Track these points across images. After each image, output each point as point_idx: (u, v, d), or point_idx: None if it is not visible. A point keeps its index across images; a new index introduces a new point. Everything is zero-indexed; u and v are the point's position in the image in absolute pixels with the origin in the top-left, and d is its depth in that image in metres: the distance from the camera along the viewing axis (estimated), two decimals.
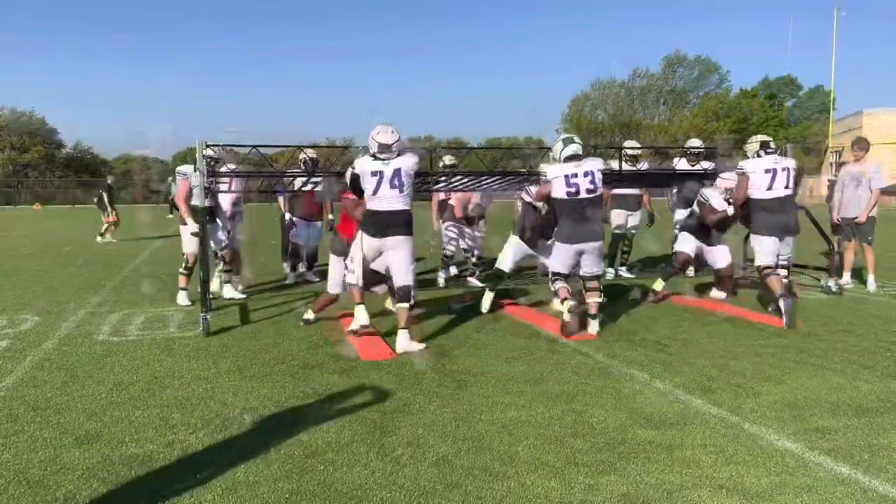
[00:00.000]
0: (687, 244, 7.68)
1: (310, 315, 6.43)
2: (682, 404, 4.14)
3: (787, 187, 6.58)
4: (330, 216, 9.44)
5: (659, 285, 7.65)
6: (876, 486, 3.03)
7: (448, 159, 9.22)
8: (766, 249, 6.59)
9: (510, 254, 7.00)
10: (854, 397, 4.25)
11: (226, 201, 7.94)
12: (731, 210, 7.09)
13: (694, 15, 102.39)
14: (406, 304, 5.52)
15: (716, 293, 7.78)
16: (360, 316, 5.80)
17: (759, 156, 6.77)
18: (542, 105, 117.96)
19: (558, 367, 4.96)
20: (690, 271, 9.24)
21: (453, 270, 9.52)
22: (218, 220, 7.63)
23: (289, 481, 3.11)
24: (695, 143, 9.61)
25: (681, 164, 9.29)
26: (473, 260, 9.27)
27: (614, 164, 8.14)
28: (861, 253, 8.63)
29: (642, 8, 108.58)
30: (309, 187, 7.81)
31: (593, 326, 6.04)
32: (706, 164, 8.31)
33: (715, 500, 2.92)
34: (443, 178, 7.75)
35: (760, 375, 4.71)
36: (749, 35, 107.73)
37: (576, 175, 5.90)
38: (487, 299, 7.05)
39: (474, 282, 8.79)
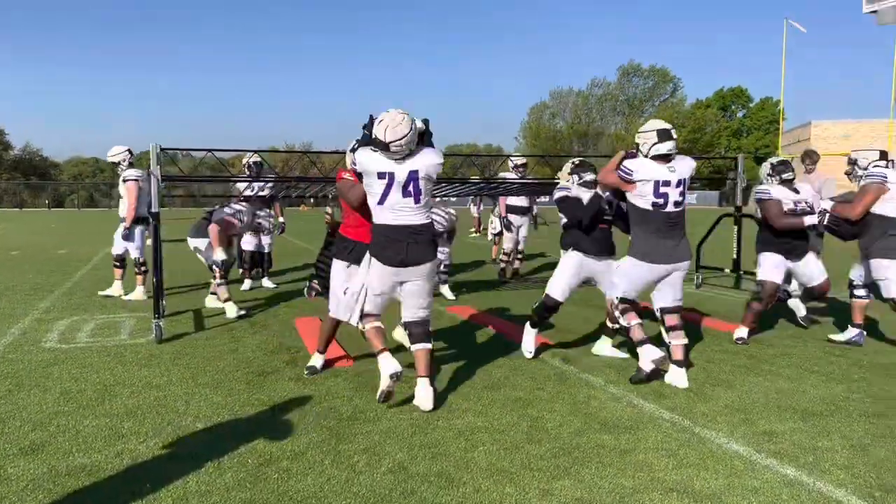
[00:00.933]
0: (774, 268, 6.08)
1: (317, 361, 5.04)
2: (635, 409, 4.21)
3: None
4: (281, 219, 9.33)
5: (742, 331, 6.07)
6: (820, 487, 3.13)
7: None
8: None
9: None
10: (800, 401, 4.37)
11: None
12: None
13: (648, 26, 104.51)
14: (428, 346, 4.29)
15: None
16: (386, 366, 4.14)
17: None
18: (501, 113, 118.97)
19: (515, 373, 4.99)
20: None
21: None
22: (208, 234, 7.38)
23: (242, 490, 3.07)
24: None
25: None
26: (442, 268, 9.25)
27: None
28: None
29: (599, 15, 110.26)
30: (263, 193, 7.76)
31: (681, 378, 4.67)
32: None
33: (665, 503, 2.97)
34: None
35: (712, 380, 4.81)
36: (702, 46, 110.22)
37: (668, 183, 4.63)
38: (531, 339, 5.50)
39: (446, 291, 8.69)
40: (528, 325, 5.49)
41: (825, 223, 5.77)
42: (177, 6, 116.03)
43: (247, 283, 9.14)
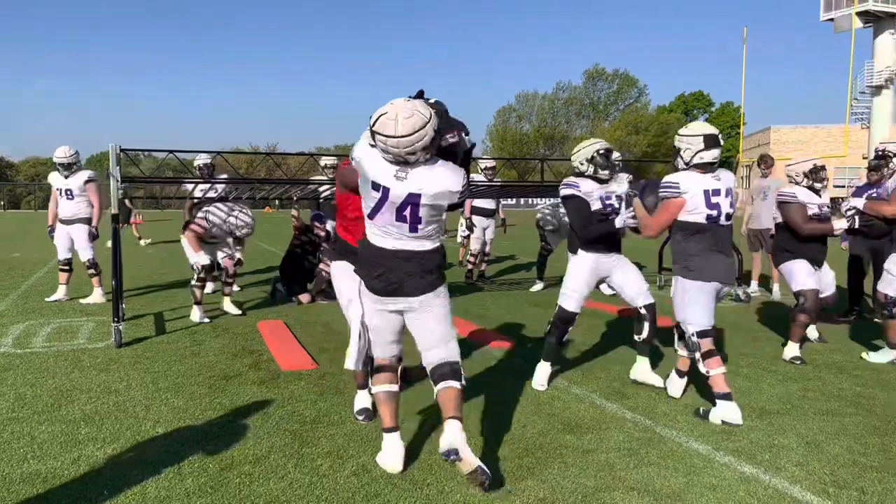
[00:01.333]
0: (808, 276, 5.64)
1: (364, 402, 4.13)
2: (598, 409, 4.25)
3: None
4: None
5: (793, 349, 5.53)
6: (776, 483, 3.20)
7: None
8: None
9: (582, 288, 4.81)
10: (757, 400, 4.46)
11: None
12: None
13: (613, 32, 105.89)
14: (455, 384, 3.26)
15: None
16: (389, 456, 3.40)
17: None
18: (468, 116, 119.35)
19: (478, 375, 5.01)
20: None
21: None
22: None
23: (203, 496, 3.03)
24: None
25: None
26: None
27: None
28: (768, 262, 9.09)
29: (565, 18, 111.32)
30: (214, 194, 7.65)
31: (735, 413, 4.03)
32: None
33: (627, 502, 3.01)
34: None
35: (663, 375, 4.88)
36: (665, 51, 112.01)
37: (717, 192, 4.11)
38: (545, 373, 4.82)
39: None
40: (542, 360, 4.81)
41: (856, 226, 5.44)
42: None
43: (209, 286, 9.02)
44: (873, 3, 37.16)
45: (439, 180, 3.05)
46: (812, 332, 6.15)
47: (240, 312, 7.37)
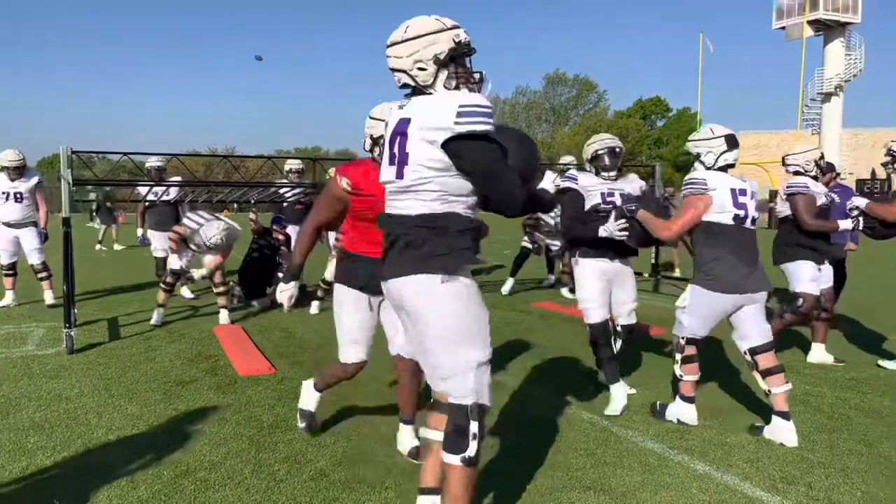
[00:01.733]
0: (811, 281, 5.39)
1: (407, 439, 3.58)
2: (554, 410, 4.30)
3: None
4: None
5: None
6: (727, 480, 3.27)
7: (294, 163, 9.06)
8: None
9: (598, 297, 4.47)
10: (711, 399, 4.56)
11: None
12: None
13: (572, 38, 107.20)
14: (454, 461, 2.40)
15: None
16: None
17: None
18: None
19: None
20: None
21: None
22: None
23: (156, 503, 2.98)
24: (567, 158, 10.03)
25: (557, 180, 9.68)
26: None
27: None
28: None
29: (523, 24, 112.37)
30: (168, 198, 7.54)
31: (789, 433, 3.77)
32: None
33: (583, 501, 3.05)
34: None
35: (629, 381, 4.95)
36: (623, 57, 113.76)
37: (744, 192, 3.88)
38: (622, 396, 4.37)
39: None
40: (614, 385, 4.35)
41: (860, 227, 5.18)
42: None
43: (187, 293, 8.86)
44: (823, 13, 38.34)
45: (433, 106, 2.36)
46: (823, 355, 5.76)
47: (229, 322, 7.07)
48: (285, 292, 3.44)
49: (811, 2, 37.83)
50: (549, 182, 2.88)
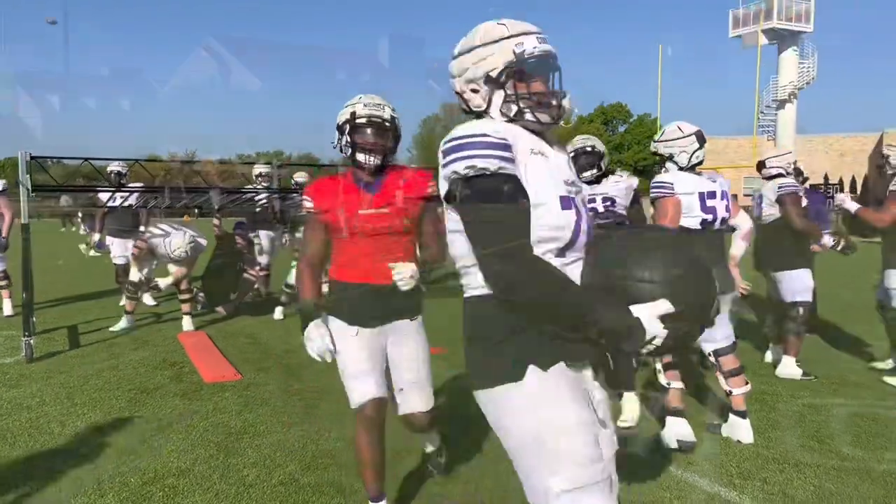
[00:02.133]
0: (807, 290, 5.29)
1: None
2: None
3: None
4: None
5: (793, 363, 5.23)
6: (686, 477, 3.39)
7: (300, 176, 9.08)
8: None
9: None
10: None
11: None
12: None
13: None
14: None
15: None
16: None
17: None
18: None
19: None
20: None
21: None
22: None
23: None
24: None
25: None
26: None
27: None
28: None
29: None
30: (127, 203, 7.47)
31: (746, 431, 3.86)
32: None
33: None
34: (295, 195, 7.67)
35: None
36: (584, 63, 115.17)
37: (713, 195, 3.78)
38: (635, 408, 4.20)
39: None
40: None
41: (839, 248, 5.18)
42: None
43: (149, 300, 8.73)
44: (778, 22, 39.32)
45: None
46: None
47: (193, 328, 7.02)
48: (314, 342, 2.90)
49: (766, 11, 38.80)
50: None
